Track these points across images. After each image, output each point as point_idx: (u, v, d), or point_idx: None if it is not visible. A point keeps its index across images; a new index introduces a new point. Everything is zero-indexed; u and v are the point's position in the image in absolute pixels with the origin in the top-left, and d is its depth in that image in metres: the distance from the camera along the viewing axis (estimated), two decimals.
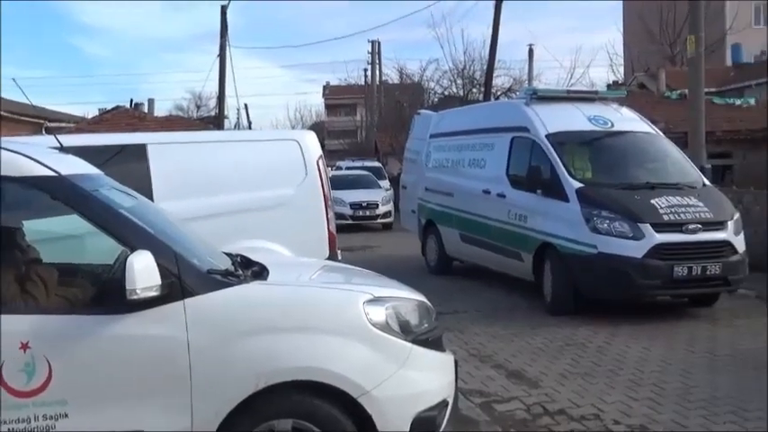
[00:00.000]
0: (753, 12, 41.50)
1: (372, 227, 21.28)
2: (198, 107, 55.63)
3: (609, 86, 31.38)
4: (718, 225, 8.70)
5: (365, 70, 51.93)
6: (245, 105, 49.63)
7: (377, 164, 30.46)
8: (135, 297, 3.47)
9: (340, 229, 10.61)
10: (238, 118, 45.88)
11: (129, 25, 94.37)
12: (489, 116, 11.75)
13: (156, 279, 3.51)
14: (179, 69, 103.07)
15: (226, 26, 27.58)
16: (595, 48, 79.97)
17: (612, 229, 8.50)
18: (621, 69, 41.75)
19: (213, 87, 62.64)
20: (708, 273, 8.48)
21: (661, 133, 10.65)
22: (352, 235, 18.52)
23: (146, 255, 3.50)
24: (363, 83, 53.34)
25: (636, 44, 38.71)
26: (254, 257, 4.57)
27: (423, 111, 15.70)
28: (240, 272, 4.03)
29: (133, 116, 23.17)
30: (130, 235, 3.68)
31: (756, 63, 34.52)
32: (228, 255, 4.49)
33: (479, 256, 11.10)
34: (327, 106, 77.33)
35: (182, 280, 3.63)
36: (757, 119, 20.85)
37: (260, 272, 4.18)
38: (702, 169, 10.16)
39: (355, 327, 3.80)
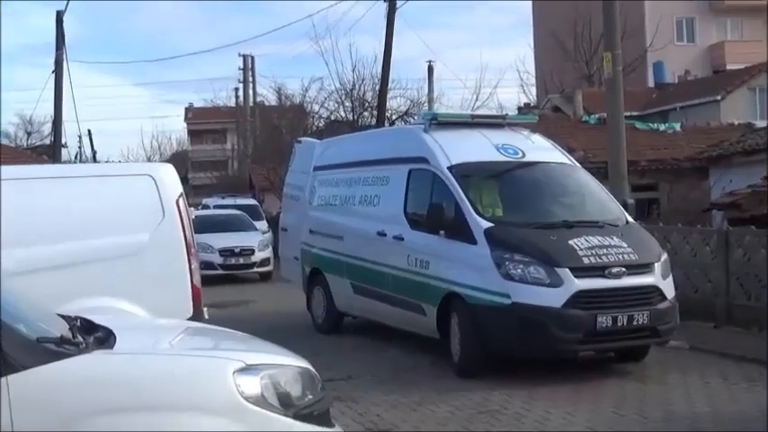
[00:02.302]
0: (675, 27, 44.12)
1: (247, 277, 21.03)
2: (29, 134, 54.14)
3: (519, 110, 32.59)
4: (645, 268, 9.04)
5: (236, 90, 51.92)
6: (89, 132, 48.56)
7: (252, 201, 30.25)
8: None
9: (207, 281, 10.40)
10: (80, 147, 44.89)
11: None
12: (383, 145, 11.89)
13: None
14: (5, 87, 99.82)
15: (63, 36, 26.97)
16: (504, 65, 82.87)
17: (527, 275, 8.69)
18: (533, 90, 43.47)
19: (48, 109, 60.87)
20: (635, 323, 8.77)
21: (578, 164, 11.06)
22: (223, 288, 18.24)
23: None
24: (234, 104, 53.16)
25: (549, 62, 40.41)
26: (97, 320, 4.45)
27: (305, 138, 15.75)
28: (79, 339, 3.91)
29: None
30: None
31: (680, 83, 36.68)
32: (65, 318, 4.34)
33: (375, 311, 11.13)
34: (191, 132, 76.54)
35: (3, 352, 3.48)
36: (683, 146, 22.06)
37: (105, 338, 4.07)
38: (625, 204, 10.59)
39: (224, 402, 3.74)
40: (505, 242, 8.99)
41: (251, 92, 46.08)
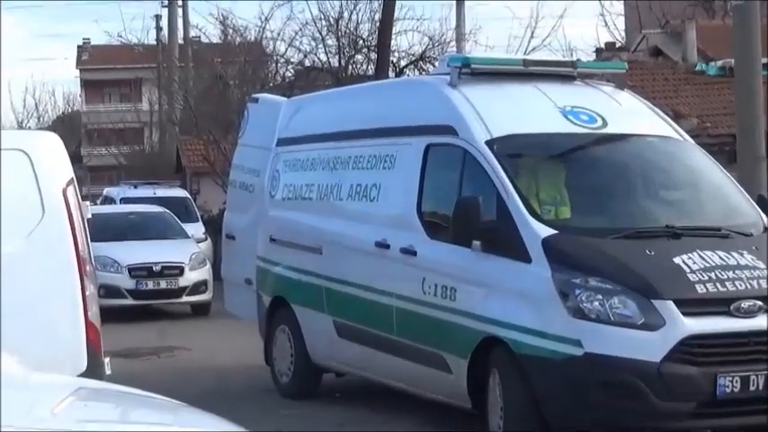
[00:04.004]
0: None
1: (173, 310, 21.16)
2: None
3: (598, 52, 32.55)
4: None
5: (157, 18, 51.97)
6: None
7: (181, 192, 30.33)
8: None
9: (112, 315, 10.37)
10: None
11: None
12: (386, 106, 11.91)
13: None
14: None
15: None
16: None
17: (609, 312, 8.71)
18: (620, 23, 43.47)
19: None
20: None
21: (689, 138, 11.09)
22: (136, 326, 18.32)
23: None
24: (155, 41, 53.21)
25: None
26: None
27: (264, 95, 15.76)
28: None
29: None
30: None
31: None
32: None
33: (371, 364, 11.15)
34: (87, 84, 76.69)
35: None
36: None
37: None
38: (763, 201, 10.62)
39: None
40: (575, 259, 9.03)
41: (180, 22, 46.08)
